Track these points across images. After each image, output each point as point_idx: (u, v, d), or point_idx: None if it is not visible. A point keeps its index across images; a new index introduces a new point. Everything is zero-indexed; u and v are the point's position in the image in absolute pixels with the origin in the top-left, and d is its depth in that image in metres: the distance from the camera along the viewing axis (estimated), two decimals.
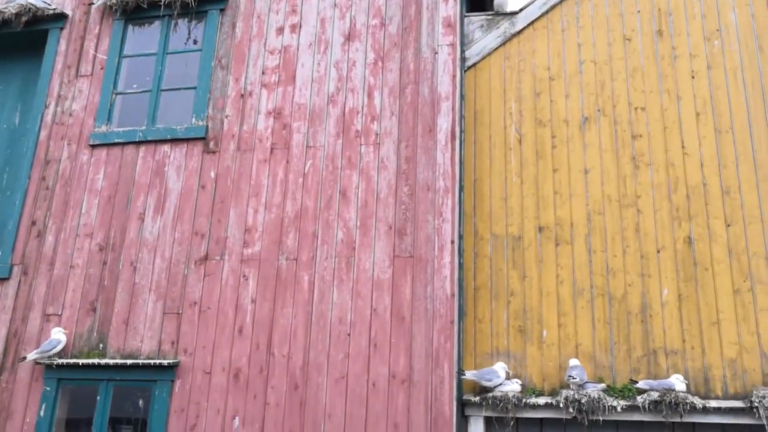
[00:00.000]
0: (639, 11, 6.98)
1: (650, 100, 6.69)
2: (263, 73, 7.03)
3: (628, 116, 6.68)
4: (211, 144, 6.89)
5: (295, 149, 6.70)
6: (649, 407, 5.71)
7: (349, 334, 6.01)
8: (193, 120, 7.00)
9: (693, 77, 6.69)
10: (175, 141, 6.94)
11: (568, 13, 7.09)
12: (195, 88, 7.13)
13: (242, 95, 7.00)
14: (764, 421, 5.49)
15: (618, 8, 7.02)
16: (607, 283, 6.25)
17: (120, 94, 7.37)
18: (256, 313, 6.23)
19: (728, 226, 6.22)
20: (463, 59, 7.00)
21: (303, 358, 6.01)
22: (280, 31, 7.16)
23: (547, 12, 7.11)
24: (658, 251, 6.25)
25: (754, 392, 5.64)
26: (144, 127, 7.07)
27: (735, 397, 5.76)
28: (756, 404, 5.53)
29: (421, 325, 5.96)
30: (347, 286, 6.15)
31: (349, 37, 6.99)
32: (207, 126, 6.94)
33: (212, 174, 6.78)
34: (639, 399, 5.75)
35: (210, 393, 6.07)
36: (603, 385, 5.91)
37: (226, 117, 6.95)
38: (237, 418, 5.96)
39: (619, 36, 6.94)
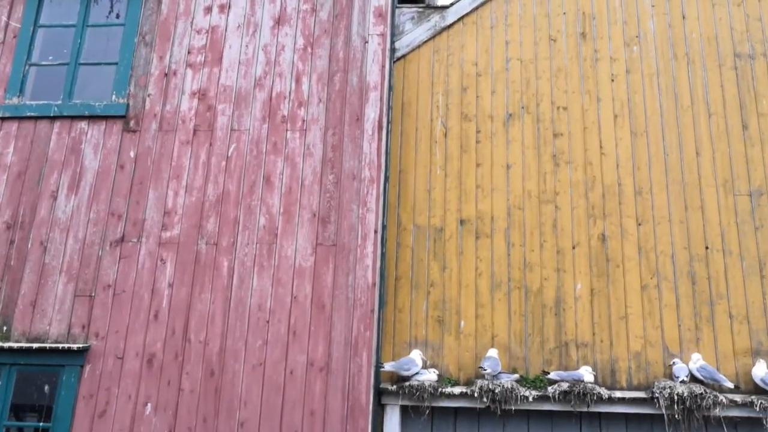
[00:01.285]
0: (565, 13, 7.17)
1: (572, 100, 6.89)
2: (189, 52, 6.85)
3: (551, 115, 6.86)
4: (132, 123, 6.66)
5: (219, 132, 6.56)
6: (559, 397, 5.90)
7: (268, 321, 5.96)
8: (114, 97, 6.75)
9: (613, 80, 6.93)
10: (93, 118, 6.68)
11: (498, 10, 7.21)
12: (116, 64, 6.88)
13: (166, 74, 6.80)
14: (663, 411, 5.77)
15: (545, 9, 7.19)
16: (524, 276, 6.41)
17: (34, 65, 7.03)
18: (173, 297, 6.09)
19: (639, 225, 6.48)
20: (393, 50, 7.02)
21: (220, 345, 5.92)
22: (208, 10, 6.99)
23: (477, 8, 7.21)
24: (574, 247, 6.46)
25: (656, 383, 5.92)
26: (60, 102, 6.77)
27: (638, 388, 6.04)
28: (657, 395, 5.80)
29: (342, 314, 5.96)
30: (268, 273, 6.09)
31: (279, 21, 6.89)
32: (128, 104, 6.71)
33: (132, 154, 6.56)
34: (550, 389, 5.94)
35: (122, 379, 5.90)
36: (516, 376, 6.07)
37: (149, 96, 6.74)
38: (149, 404, 5.81)
39: (545, 36, 7.11)
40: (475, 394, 5.93)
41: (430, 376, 6.07)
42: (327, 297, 6.00)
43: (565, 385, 5.92)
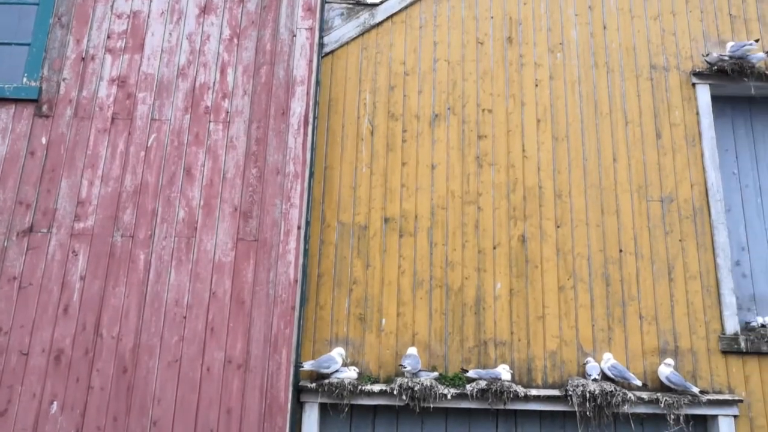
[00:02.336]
0: (492, 17, 7.28)
1: (497, 103, 7.00)
2: (108, 37, 6.59)
3: (476, 117, 6.95)
4: (45, 108, 6.35)
5: (138, 121, 6.33)
6: (476, 395, 5.98)
7: (185, 317, 5.79)
8: (25, 80, 6.42)
9: (536, 85, 7.09)
10: (1, 101, 6.33)
11: (427, 11, 7.26)
12: (29, 45, 6.54)
13: (83, 58, 6.51)
14: (576, 408, 5.93)
15: (473, 11, 7.28)
16: (446, 275, 6.47)
17: None
18: (84, 291, 5.84)
19: (558, 227, 6.65)
20: (321, 45, 6.96)
21: (134, 341, 5.71)
22: None
23: (406, 7, 7.24)
24: (495, 247, 6.57)
25: (570, 381, 6.09)
26: None
27: (553, 386, 6.19)
28: (570, 392, 5.96)
29: (262, 310, 5.86)
30: (186, 268, 5.92)
31: (204, 10, 6.72)
32: (41, 88, 6.39)
33: (43, 140, 6.26)
34: (468, 387, 6.01)
35: (26, 376, 5.61)
36: (436, 374, 6.12)
37: (64, 80, 6.44)
38: (55, 403, 5.55)
39: (473, 39, 7.20)
40: (395, 392, 5.94)
41: (350, 374, 6.04)
42: (247, 293, 5.89)
43: (483, 383, 6.00)
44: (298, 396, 5.99)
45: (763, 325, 6.40)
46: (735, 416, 6.08)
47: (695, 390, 6.01)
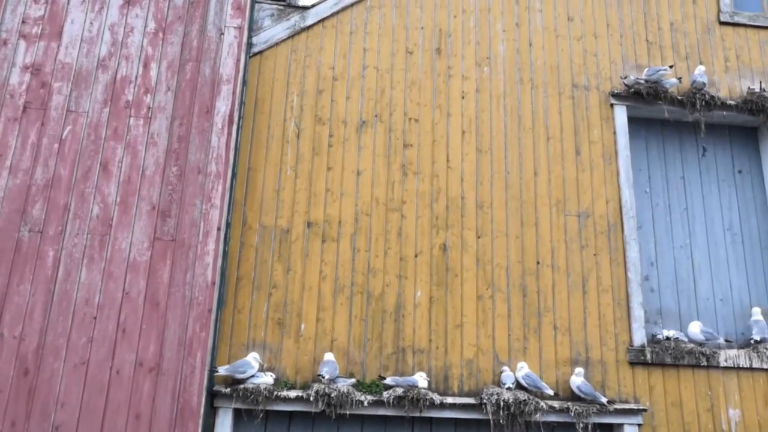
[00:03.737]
0: (423, 28, 7.36)
1: (424, 113, 7.07)
2: (23, 22, 6.29)
3: (403, 125, 6.99)
4: None
5: (53, 111, 6.07)
6: (393, 402, 5.98)
7: (95, 318, 5.56)
8: None
9: (463, 97, 7.20)
10: None
11: (358, 17, 7.27)
12: None
13: None
14: (490, 416, 6.02)
15: (404, 21, 7.34)
16: (367, 281, 6.47)
17: None
18: None
19: (479, 237, 6.76)
20: (250, 45, 6.85)
21: (38, 341, 5.44)
22: None
23: (337, 12, 7.22)
24: (416, 255, 6.61)
25: (485, 390, 6.18)
26: None
27: (468, 394, 6.26)
28: (485, 401, 6.05)
29: (177, 312, 5.70)
30: (99, 266, 5.69)
31: (129, 1, 6.51)
32: None
33: None
34: (385, 394, 6.01)
35: None
36: (353, 380, 6.10)
37: None
38: None
39: (403, 48, 7.25)
40: (311, 398, 5.88)
41: (266, 379, 5.94)
42: (162, 294, 5.71)
43: (400, 391, 6.01)
44: (211, 401, 5.84)
45: (667, 338, 6.68)
46: (639, 425, 6.31)
47: (603, 400, 6.21)
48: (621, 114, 7.38)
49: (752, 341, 6.78)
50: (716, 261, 7.36)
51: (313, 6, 7.17)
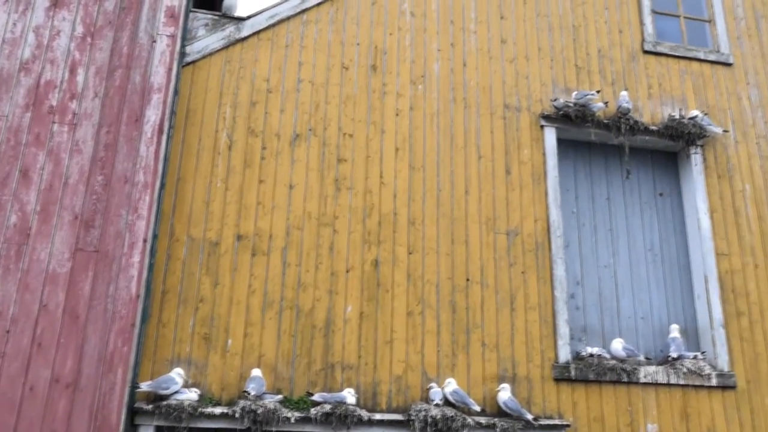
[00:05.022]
0: (359, 44, 7.39)
1: (358, 128, 7.09)
2: None
3: (337, 140, 6.99)
4: None
5: None
6: (320, 419, 5.92)
7: (8, 331, 5.31)
8: None
9: (397, 115, 7.25)
10: None
11: (294, 30, 7.25)
12: None
13: None
14: None
15: (340, 36, 7.36)
16: (297, 296, 6.40)
17: None
18: None
19: (410, 253, 6.79)
20: (183, 54, 6.73)
21: None
22: None
23: (273, 25, 7.19)
24: (348, 271, 6.59)
25: (413, 406, 6.18)
26: None
27: (397, 411, 6.26)
28: (413, 417, 6.05)
29: (98, 326, 5.50)
30: (14, 277, 5.45)
31: (56, 4, 6.31)
32: None
33: None
34: (313, 411, 5.94)
35: None
36: (280, 397, 6.01)
37: None
38: None
39: (338, 63, 7.27)
40: (237, 415, 5.76)
41: (190, 395, 5.79)
42: (83, 307, 5.51)
43: (327, 407, 5.96)
44: (132, 418, 5.64)
45: (591, 355, 6.85)
46: None
47: (529, 416, 6.30)
48: (550, 135, 7.58)
49: (670, 358, 7.03)
50: (638, 280, 7.61)
51: (248, 18, 7.11)
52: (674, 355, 7.03)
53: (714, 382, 6.98)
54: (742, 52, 8.58)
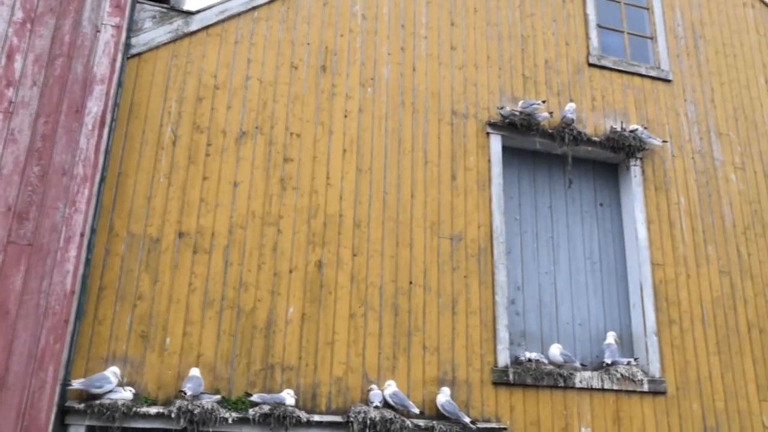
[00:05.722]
0: (309, 44, 7.36)
1: (306, 128, 7.05)
2: None
3: (284, 139, 6.94)
4: None
5: None
6: (259, 420, 5.86)
7: None
8: None
9: (346, 116, 7.25)
10: None
11: (244, 27, 7.17)
12: None
13: None
14: None
15: (291, 35, 7.32)
16: (238, 296, 6.33)
17: None
18: None
19: (354, 255, 6.79)
20: (128, 45, 6.58)
21: None
22: None
23: (223, 21, 7.10)
24: (291, 271, 6.55)
25: (352, 408, 6.18)
26: None
27: (336, 412, 6.24)
28: (352, 419, 6.04)
29: (29, 322, 5.33)
30: None
31: None
32: None
33: None
34: (251, 411, 5.88)
35: None
36: (218, 397, 5.92)
37: None
38: None
39: (288, 62, 7.22)
40: (173, 415, 5.65)
41: (125, 394, 5.65)
42: (13, 302, 5.33)
43: (266, 408, 5.90)
44: (62, 418, 5.48)
45: (529, 360, 6.97)
46: None
47: (466, 420, 6.37)
48: (496, 143, 7.69)
49: (604, 364, 7.21)
50: (577, 287, 7.78)
51: (198, 12, 7.00)
52: (609, 361, 7.21)
53: (646, 387, 7.19)
54: (681, 69, 8.88)
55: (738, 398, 7.54)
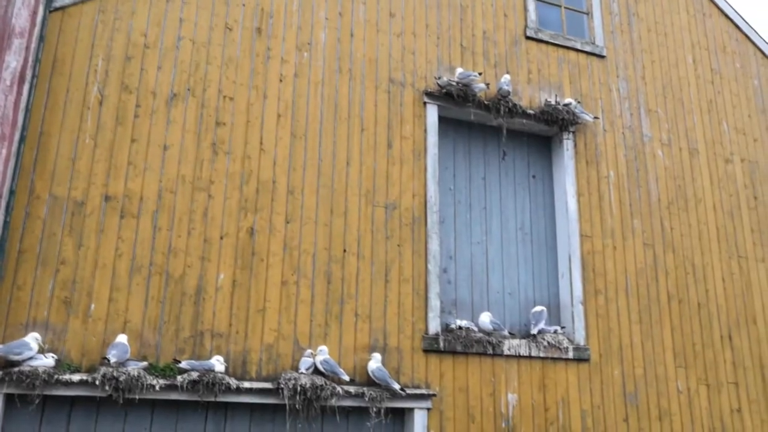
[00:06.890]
0: (244, 5, 7.17)
1: (239, 92, 6.90)
2: None
3: (216, 103, 6.77)
4: None
5: None
6: (187, 387, 5.80)
7: None
8: None
9: (281, 81, 7.11)
10: None
11: None
12: None
13: None
14: (286, 401, 6.03)
15: None
16: (168, 262, 6.20)
17: None
18: None
19: (288, 223, 6.73)
20: None
21: None
22: None
23: None
24: (222, 237, 6.44)
25: (283, 375, 6.17)
26: None
27: (266, 379, 6.22)
28: (282, 386, 6.04)
29: None
30: None
31: None
32: None
33: None
34: (179, 378, 5.80)
35: None
36: (144, 364, 5.82)
37: None
38: None
39: (222, 23, 7.02)
40: (97, 382, 5.53)
41: (46, 361, 5.49)
42: None
43: (195, 375, 5.84)
44: None
45: (460, 327, 7.09)
46: (428, 409, 6.64)
47: (396, 386, 6.45)
48: (432, 113, 7.69)
49: (532, 332, 7.40)
50: (508, 258, 7.93)
51: None
52: (536, 329, 7.41)
53: (571, 354, 7.43)
54: (615, 45, 9.05)
55: (656, 365, 7.88)
